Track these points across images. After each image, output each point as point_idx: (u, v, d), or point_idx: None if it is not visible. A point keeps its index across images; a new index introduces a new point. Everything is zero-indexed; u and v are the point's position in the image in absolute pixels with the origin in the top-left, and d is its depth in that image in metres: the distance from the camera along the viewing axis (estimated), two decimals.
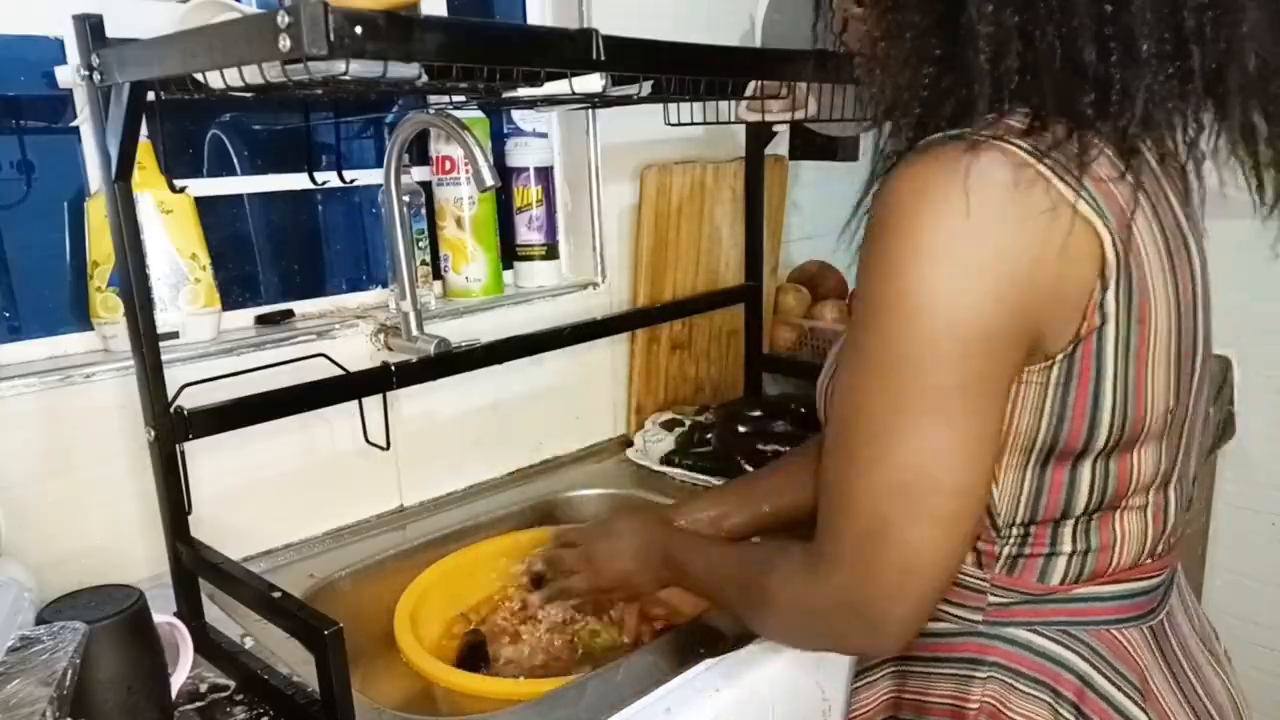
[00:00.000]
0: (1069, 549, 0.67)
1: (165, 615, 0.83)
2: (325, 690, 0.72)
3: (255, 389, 0.96)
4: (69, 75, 0.95)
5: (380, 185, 1.18)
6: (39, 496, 0.94)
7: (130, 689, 0.73)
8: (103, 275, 0.99)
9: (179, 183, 1.05)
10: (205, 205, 1.07)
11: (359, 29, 0.61)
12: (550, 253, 1.40)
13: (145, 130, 0.92)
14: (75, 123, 1.00)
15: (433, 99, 1.15)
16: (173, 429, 0.86)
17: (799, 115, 1.25)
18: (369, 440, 1.15)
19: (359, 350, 1.14)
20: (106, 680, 0.71)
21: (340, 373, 1.06)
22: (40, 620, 0.70)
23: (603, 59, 0.82)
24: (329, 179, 1.23)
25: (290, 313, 1.19)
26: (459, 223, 1.28)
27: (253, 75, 0.74)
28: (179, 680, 0.81)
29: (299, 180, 1.21)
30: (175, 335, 1.02)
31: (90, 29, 0.78)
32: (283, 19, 0.59)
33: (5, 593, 0.71)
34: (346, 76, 0.72)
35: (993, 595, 0.69)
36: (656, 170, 1.40)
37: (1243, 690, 0.76)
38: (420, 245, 1.24)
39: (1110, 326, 0.60)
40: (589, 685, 0.82)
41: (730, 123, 1.31)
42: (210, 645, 0.87)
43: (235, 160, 1.19)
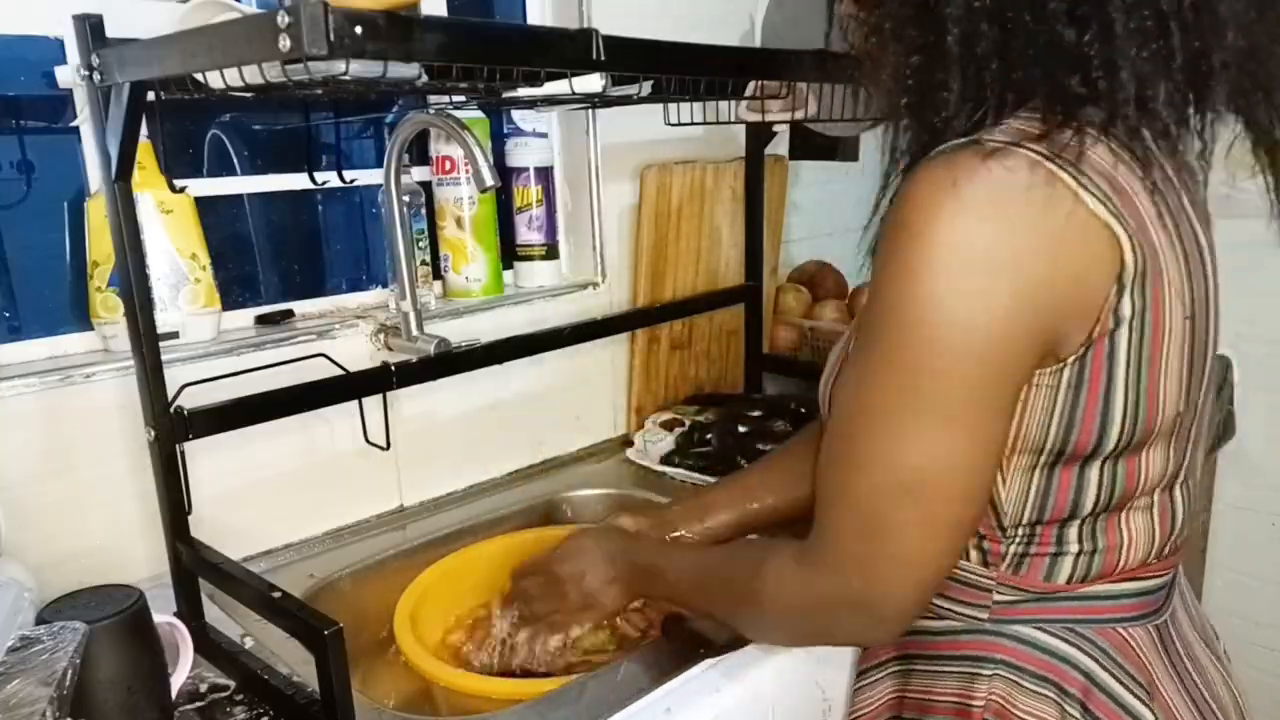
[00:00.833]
0: (1075, 549, 0.67)
1: (165, 615, 0.83)
2: (325, 690, 0.72)
3: (255, 389, 0.96)
4: (69, 75, 0.95)
5: (380, 185, 1.18)
6: (39, 496, 0.94)
7: (130, 689, 0.73)
8: (103, 275, 0.99)
9: (179, 183, 1.05)
10: (205, 205, 1.07)
11: (359, 29, 0.61)
12: (550, 253, 1.40)
13: (145, 130, 0.92)
14: (75, 123, 1.00)
15: (433, 99, 1.15)
16: (173, 429, 0.86)
17: (799, 115, 1.25)
18: (369, 440, 1.15)
19: (359, 350, 1.14)
20: (106, 680, 0.71)
21: (340, 373, 1.06)
22: (40, 620, 0.70)
23: (603, 59, 0.82)
24: (329, 179, 1.23)
25: (290, 313, 1.19)
26: (459, 223, 1.28)
27: (253, 75, 0.74)
28: (179, 680, 0.81)
29: (299, 180, 1.21)
30: (175, 335, 1.02)
31: (90, 29, 0.78)
32: (283, 19, 0.59)
33: (5, 593, 0.71)
34: (346, 76, 0.72)
35: (998, 593, 0.69)
36: (656, 170, 1.40)
37: (1243, 689, 0.76)
38: (420, 245, 1.24)
39: (1124, 330, 0.60)
40: (589, 685, 0.82)
41: (730, 123, 1.31)
42: (210, 645, 0.87)
43: (235, 160, 1.19)
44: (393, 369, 1.06)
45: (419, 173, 1.31)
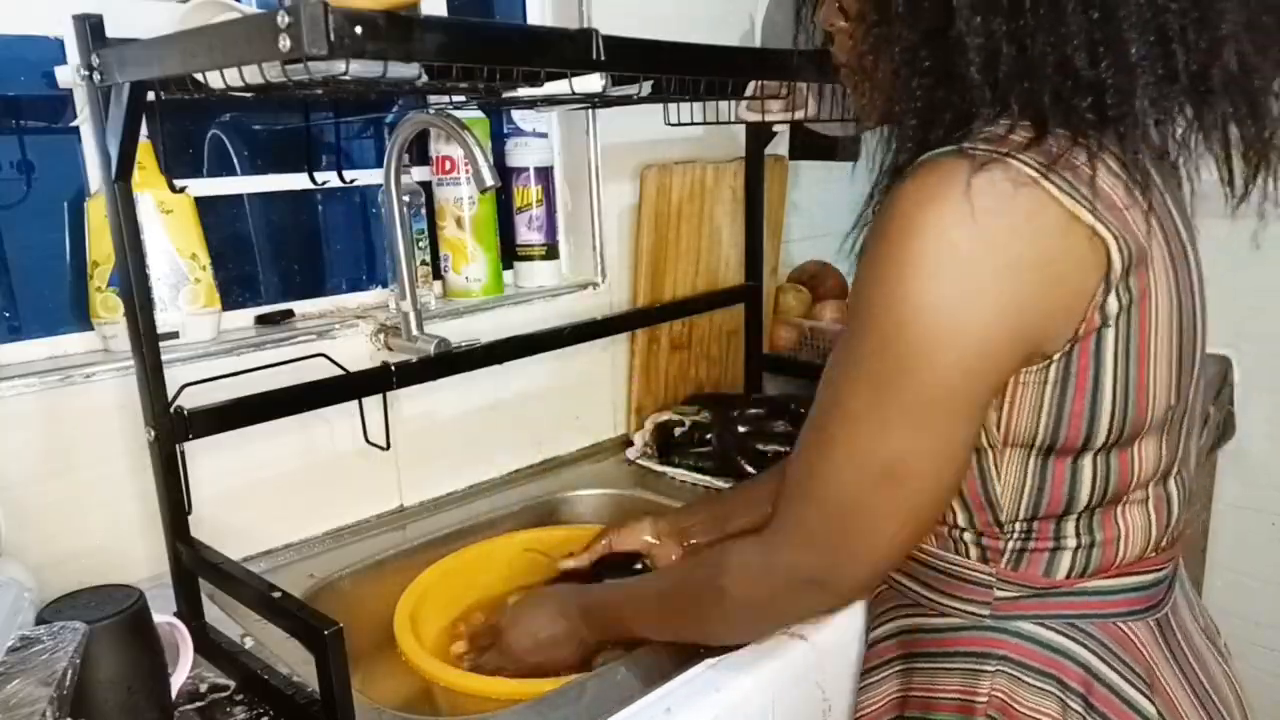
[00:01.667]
0: (1074, 543, 0.68)
1: (165, 615, 0.83)
2: (325, 690, 0.72)
3: (255, 389, 0.96)
4: (69, 75, 0.95)
5: (380, 185, 1.18)
6: (39, 496, 0.94)
7: (130, 689, 0.73)
8: (103, 275, 0.99)
9: (179, 183, 1.05)
10: (205, 205, 1.07)
11: (359, 29, 0.61)
12: (550, 253, 1.40)
13: (145, 130, 0.92)
14: (75, 123, 1.00)
15: (433, 99, 1.15)
16: (173, 429, 0.86)
17: (799, 115, 1.25)
18: (369, 440, 1.15)
19: (359, 350, 1.14)
20: (106, 680, 0.71)
21: (340, 373, 1.06)
22: (40, 620, 0.70)
23: (603, 59, 0.82)
24: (329, 179, 1.23)
25: (290, 313, 1.19)
26: (459, 223, 1.28)
27: (253, 75, 0.74)
28: (179, 680, 0.81)
29: (299, 180, 1.21)
30: (175, 335, 1.02)
31: (90, 29, 0.78)
32: (283, 19, 0.59)
33: (5, 593, 0.71)
34: (346, 76, 0.72)
35: (999, 589, 0.70)
36: (656, 170, 1.40)
37: (1243, 684, 0.77)
38: (420, 245, 1.24)
39: (1111, 327, 0.61)
40: (589, 685, 0.82)
41: (730, 123, 1.31)
42: (210, 645, 0.87)
43: (235, 160, 1.19)
44: (393, 369, 1.06)
45: (419, 173, 1.31)
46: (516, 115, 1.34)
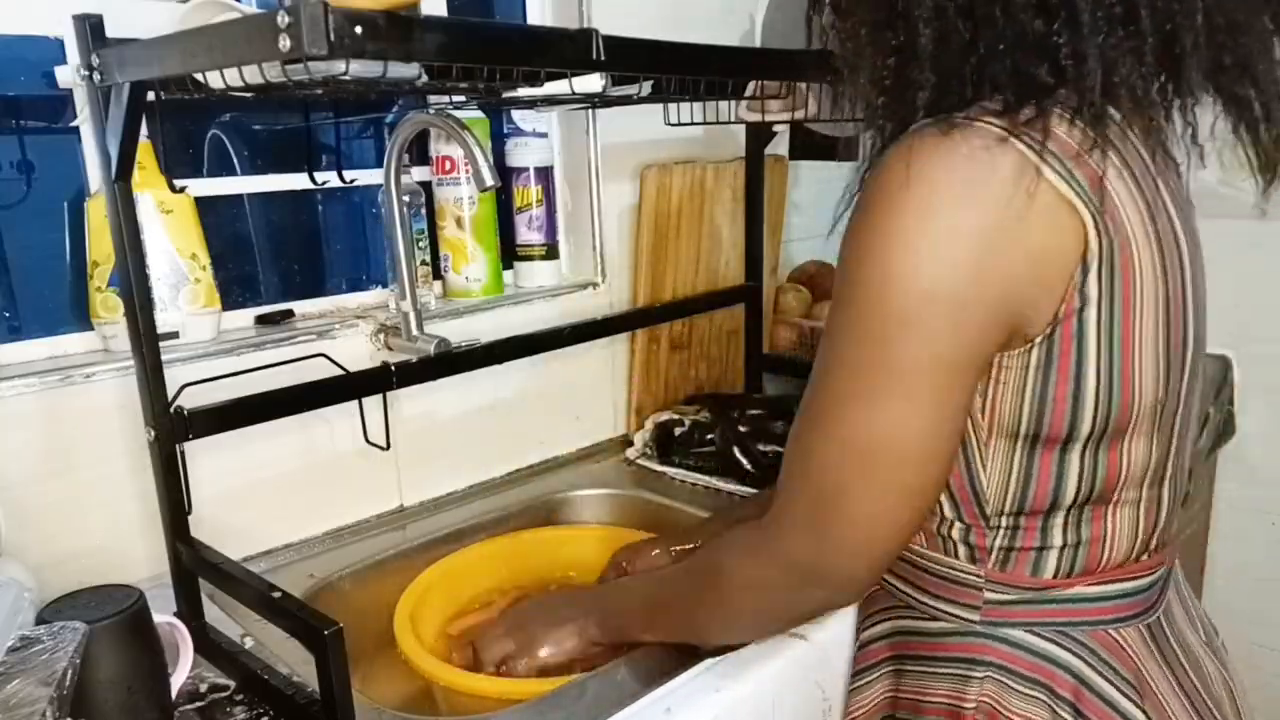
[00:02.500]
0: (1060, 542, 0.68)
1: (165, 615, 0.83)
2: (325, 690, 0.72)
3: (255, 389, 0.96)
4: (69, 75, 0.95)
5: (380, 185, 1.18)
6: (39, 496, 0.94)
7: (130, 689, 0.73)
8: (103, 275, 0.99)
9: (179, 183, 1.05)
10: (205, 205, 1.07)
11: (359, 29, 0.61)
12: (550, 253, 1.40)
13: (145, 130, 0.92)
14: (75, 123, 1.00)
15: (433, 99, 1.15)
16: (173, 429, 0.86)
17: (799, 115, 1.25)
18: (369, 440, 1.15)
19: (359, 350, 1.14)
20: (106, 680, 0.71)
21: (340, 373, 1.06)
22: (40, 620, 0.70)
23: (603, 59, 0.82)
24: (329, 179, 1.23)
25: (290, 313, 1.19)
26: (459, 223, 1.28)
27: (253, 75, 0.74)
28: (179, 680, 0.81)
29: (299, 180, 1.21)
30: (175, 335, 1.02)
31: (90, 29, 0.78)
32: (283, 19, 0.59)
33: (5, 593, 0.71)
34: (346, 76, 0.72)
35: (989, 592, 0.69)
36: (656, 170, 1.40)
37: (1241, 680, 0.76)
38: (420, 245, 1.24)
39: (1091, 310, 0.60)
40: (589, 685, 0.82)
41: (730, 123, 1.31)
42: (210, 645, 0.87)
43: (235, 160, 1.19)
44: (393, 369, 1.06)
45: (419, 173, 1.31)
46: (516, 115, 1.34)
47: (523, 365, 1.28)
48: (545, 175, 1.37)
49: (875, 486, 0.63)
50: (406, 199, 1.17)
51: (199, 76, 0.77)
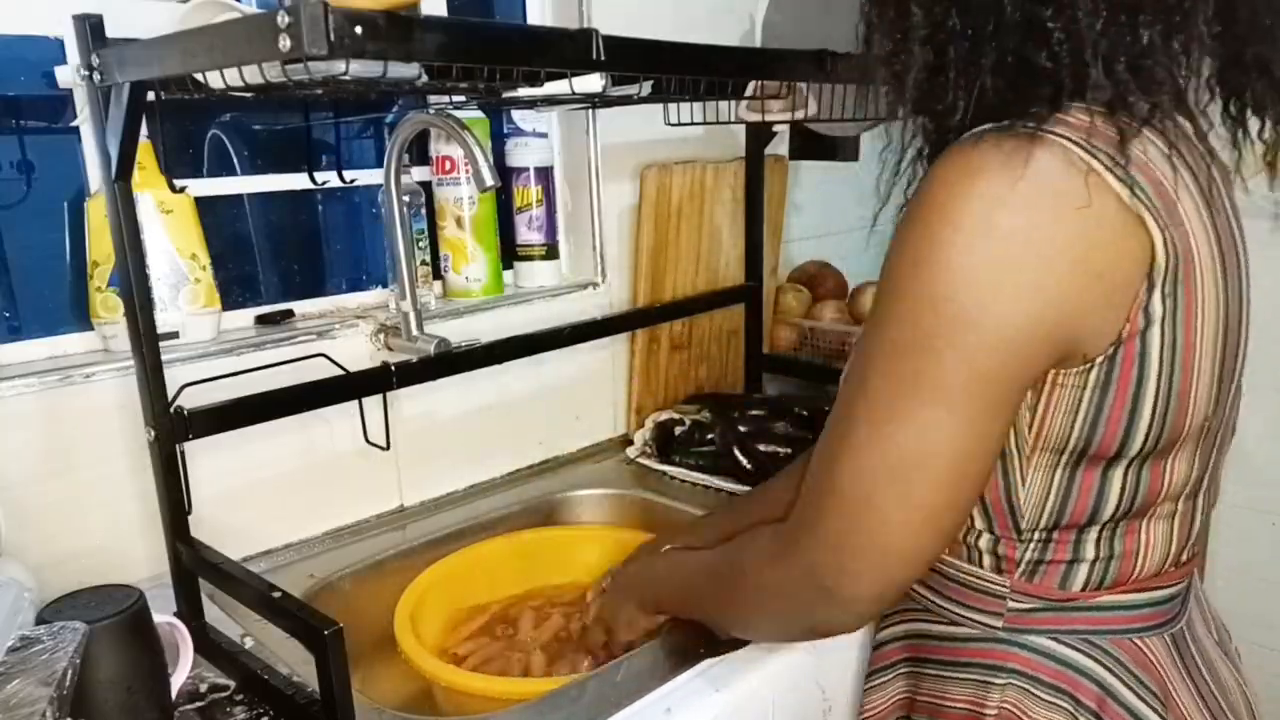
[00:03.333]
0: (1092, 555, 0.66)
1: (165, 615, 0.83)
2: (325, 690, 0.72)
3: (255, 389, 0.96)
4: (69, 75, 0.95)
5: (380, 185, 1.18)
6: (39, 496, 0.94)
7: (130, 689, 0.73)
8: (103, 275, 0.99)
9: (179, 183, 1.05)
10: (205, 205, 1.07)
11: (359, 29, 0.61)
12: (550, 253, 1.40)
13: (145, 130, 0.92)
14: (75, 123, 1.00)
15: (433, 99, 1.15)
16: (173, 429, 0.86)
17: (799, 115, 1.25)
18: (369, 440, 1.15)
19: (359, 350, 1.14)
20: (106, 680, 0.71)
21: (340, 373, 1.06)
22: (40, 620, 0.70)
23: (603, 59, 0.82)
24: (329, 179, 1.23)
25: (290, 313, 1.19)
26: (459, 223, 1.28)
27: (253, 75, 0.74)
28: (179, 680, 0.81)
29: (299, 180, 1.21)
30: (175, 335, 1.02)
31: (90, 29, 0.78)
32: (283, 19, 0.59)
33: (5, 593, 0.71)
34: (346, 76, 0.72)
35: (1012, 600, 0.68)
36: (656, 170, 1.40)
37: (1252, 686, 0.76)
38: (420, 245, 1.24)
39: (1155, 330, 0.58)
40: (589, 685, 0.82)
41: (730, 123, 1.31)
42: (210, 645, 0.87)
43: (235, 160, 1.19)
44: (393, 369, 1.06)
45: (419, 173, 1.31)
46: (516, 115, 1.34)
47: (523, 365, 1.28)
48: (545, 175, 1.37)
49: (901, 503, 0.59)
50: (406, 199, 1.17)
51: (199, 76, 0.77)
